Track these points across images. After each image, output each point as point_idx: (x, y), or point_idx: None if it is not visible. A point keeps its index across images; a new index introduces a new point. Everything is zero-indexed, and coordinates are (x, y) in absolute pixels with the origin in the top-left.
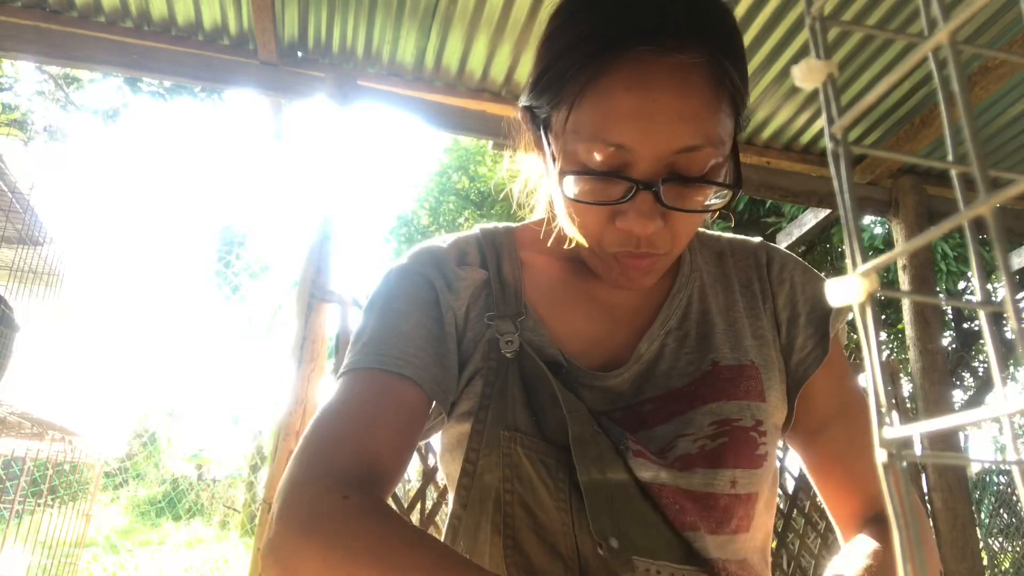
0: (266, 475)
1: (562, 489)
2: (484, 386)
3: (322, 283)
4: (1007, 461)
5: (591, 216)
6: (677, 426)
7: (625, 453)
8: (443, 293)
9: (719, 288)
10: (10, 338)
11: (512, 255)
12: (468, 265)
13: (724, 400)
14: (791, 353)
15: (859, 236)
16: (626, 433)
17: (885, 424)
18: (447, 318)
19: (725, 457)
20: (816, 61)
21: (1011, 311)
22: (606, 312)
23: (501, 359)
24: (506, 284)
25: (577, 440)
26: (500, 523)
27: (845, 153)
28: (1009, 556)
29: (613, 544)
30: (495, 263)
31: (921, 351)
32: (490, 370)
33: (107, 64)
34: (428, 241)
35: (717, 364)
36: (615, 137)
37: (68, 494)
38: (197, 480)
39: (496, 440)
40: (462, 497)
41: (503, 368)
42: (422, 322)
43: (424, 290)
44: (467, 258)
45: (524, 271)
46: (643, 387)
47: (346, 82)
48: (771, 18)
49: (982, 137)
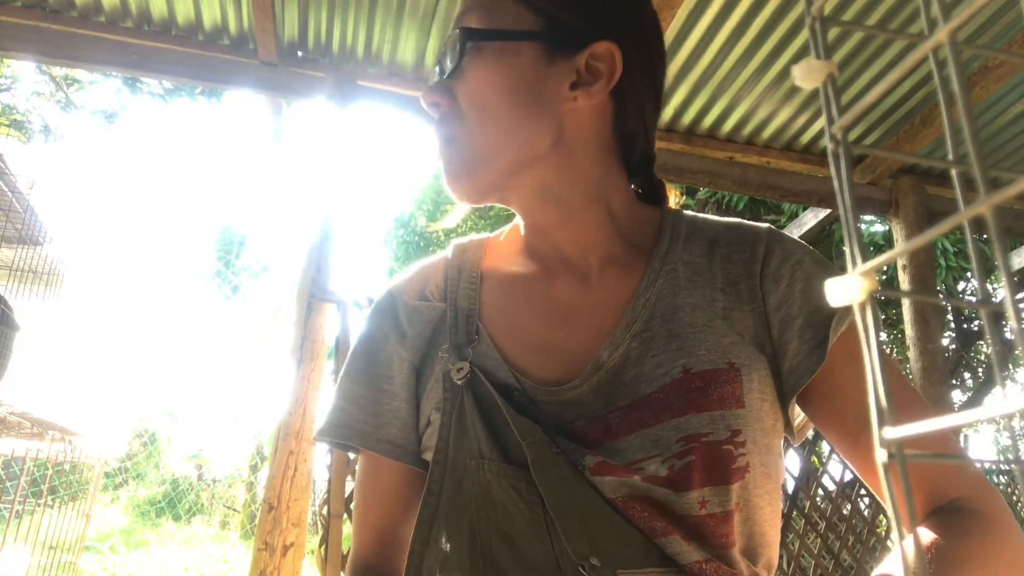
0: (266, 475)
1: (536, 512)
2: (442, 417)
3: (322, 283)
4: (1007, 461)
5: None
6: (644, 443)
7: (584, 471)
8: (397, 343)
9: (698, 282)
10: (10, 338)
11: (473, 274)
12: (427, 301)
13: (693, 412)
14: (783, 359)
15: (859, 236)
16: (583, 450)
17: (885, 424)
18: (404, 369)
19: (691, 478)
20: (816, 61)
21: (1011, 311)
22: (566, 315)
23: (454, 387)
24: (460, 310)
25: (536, 465)
26: (479, 554)
27: (845, 153)
28: None
29: (594, 563)
30: (455, 289)
31: (921, 351)
32: (446, 401)
33: (107, 64)
34: (398, 275)
35: (689, 371)
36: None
37: (68, 494)
38: (197, 480)
39: (463, 471)
40: (423, 534)
41: (459, 398)
42: (375, 384)
43: (381, 347)
44: (428, 289)
45: (483, 287)
46: (611, 396)
47: (346, 82)
48: (771, 18)
49: (982, 137)
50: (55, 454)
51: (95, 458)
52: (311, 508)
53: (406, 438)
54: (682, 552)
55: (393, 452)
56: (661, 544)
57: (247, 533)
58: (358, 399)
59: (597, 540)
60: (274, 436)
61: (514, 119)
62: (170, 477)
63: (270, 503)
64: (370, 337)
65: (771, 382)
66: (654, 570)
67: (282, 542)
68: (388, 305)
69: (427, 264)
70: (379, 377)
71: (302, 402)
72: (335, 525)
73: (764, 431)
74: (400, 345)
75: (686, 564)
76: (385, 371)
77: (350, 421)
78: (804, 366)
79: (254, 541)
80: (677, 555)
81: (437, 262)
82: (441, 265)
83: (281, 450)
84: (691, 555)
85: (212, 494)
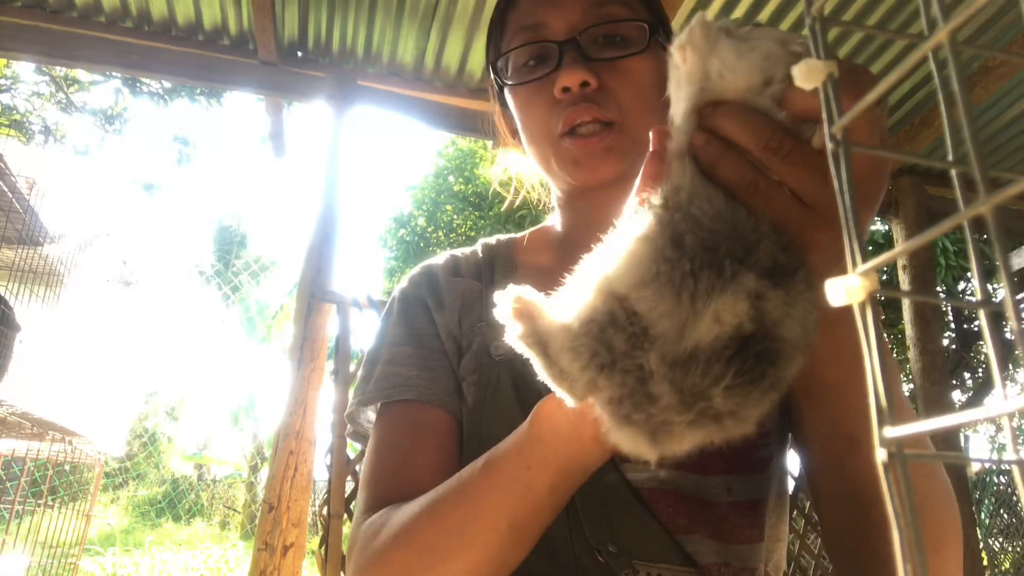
0: (266, 475)
1: None
2: (477, 391)
3: (322, 283)
4: (1007, 461)
5: (538, 112)
6: None
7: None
8: (435, 312)
9: None
10: (10, 338)
11: (508, 263)
12: (461, 277)
13: None
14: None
15: (860, 236)
16: None
17: (885, 424)
18: (443, 334)
19: (716, 463)
20: (816, 61)
21: (1011, 311)
22: None
23: (492, 363)
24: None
25: None
26: None
27: (845, 153)
28: (1009, 556)
29: (612, 550)
30: (490, 274)
31: (921, 351)
32: (481, 375)
33: (107, 64)
34: (428, 260)
35: None
36: (529, 20)
37: (68, 494)
38: (197, 480)
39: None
40: None
41: (494, 372)
42: (423, 343)
43: (420, 312)
44: (460, 270)
45: (519, 273)
46: None
47: (346, 82)
48: (771, 18)
49: (982, 137)
50: (55, 454)
51: (95, 458)
52: (311, 508)
53: (457, 393)
54: (701, 552)
55: (449, 405)
56: (682, 541)
57: (247, 533)
58: (408, 358)
59: (616, 528)
60: (274, 436)
61: (659, 113)
62: (170, 477)
63: (270, 503)
64: (409, 306)
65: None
66: (670, 566)
67: (282, 542)
68: (425, 278)
69: (456, 253)
70: (425, 336)
71: (302, 402)
72: (335, 525)
73: (782, 423)
74: (439, 313)
75: (703, 565)
76: (430, 330)
77: (404, 380)
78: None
79: (254, 541)
80: (696, 554)
81: (466, 251)
82: (471, 255)
83: (281, 450)
84: (710, 556)
85: (212, 494)
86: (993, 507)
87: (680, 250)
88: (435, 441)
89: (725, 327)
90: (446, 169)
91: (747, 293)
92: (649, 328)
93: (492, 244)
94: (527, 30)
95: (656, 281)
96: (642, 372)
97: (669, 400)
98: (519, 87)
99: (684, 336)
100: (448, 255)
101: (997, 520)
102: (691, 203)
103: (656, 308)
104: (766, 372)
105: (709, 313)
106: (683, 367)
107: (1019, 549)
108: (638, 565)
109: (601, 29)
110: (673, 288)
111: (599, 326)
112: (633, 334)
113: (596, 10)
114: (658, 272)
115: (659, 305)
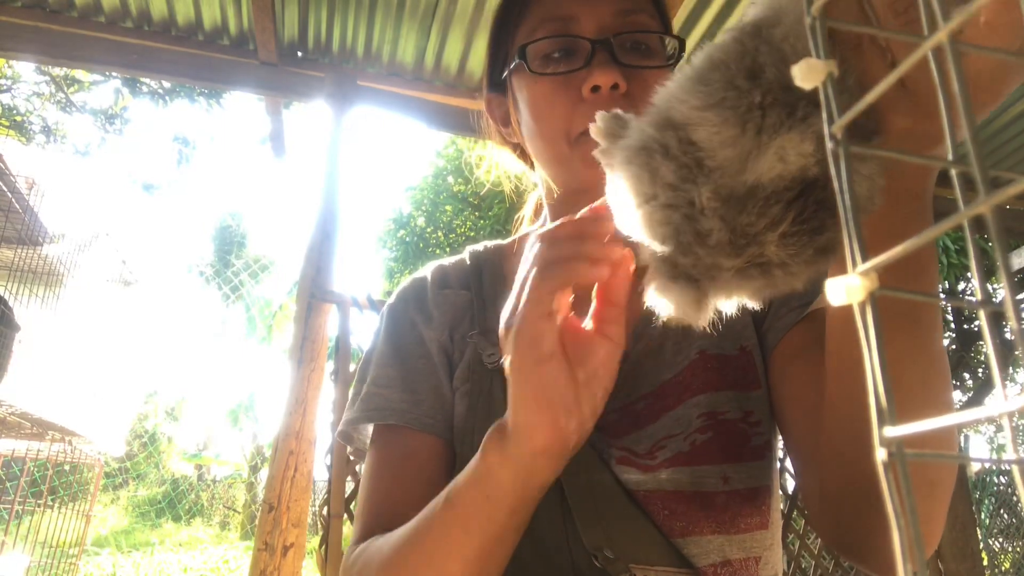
0: (266, 475)
1: (553, 499)
2: (469, 400)
3: (322, 283)
4: (1007, 461)
5: (560, 107)
6: (668, 424)
7: (609, 460)
8: (424, 327)
9: None
10: (10, 338)
11: (496, 271)
12: (449, 288)
13: (711, 391)
14: (764, 321)
15: (859, 236)
16: (608, 441)
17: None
18: (434, 349)
19: (711, 452)
20: (816, 61)
21: (1011, 311)
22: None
23: (484, 372)
24: (487, 300)
25: None
26: None
27: (845, 153)
28: (1009, 556)
29: (608, 555)
30: (478, 283)
31: None
32: (474, 384)
33: (107, 64)
34: (416, 273)
35: (704, 352)
36: (559, 11)
37: (68, 495)
38: (197, 480)
39: None
40: None
41: (486, 381)
42: (407, 363)
43: (407, 330)
44: (449, 281)
45: (507, 282)
46: (636, 386)
47: (346, 82)
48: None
49: (982, 137)
50: (55, 454)
51: (95, 458)
52: (311, 508)
53: (444, 412)
54: (700, 554)
55: (434, 428)
56: (679, 544)
57: (247, 533)
58: (392, 380)
59: (612, 533)
60: (275, 437)
61: None
62: (170, 477)
63: (270, 503)
64: (395, 324)
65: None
66: (667, 569)
67: (282, 542)
68: (413, 292)
69: (444, 263)
70: (411, 356)
71: (302, 402)
72: (335, 525)
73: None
74: (427, 327)
75: (701, 567)
76: (417, 351)
77: (386, 404)
78: (782, 324)
79: (254, 541)
80: (694, 557)
81: (454, 261)
82: (459, 263)
83: (281, 450)
84: (709, 556)
85: (212, 494)
86: (993, 507)
87: (754, 81)
88: (418, 469)
89: (789, 166)
90: (445, 170)
91: (816, 134)
92: (706, 158)
93: (480, 251)
94: (556, 21)
95: (721, 105)
96: (691, 209)
97: (719, 237)
98: (543, 77)
99: (745, 169)
100: (436, 266)
101: (997, 520)
102: (784, 39)
103: (718, 134)
104: (825, 223)
105: (773, 148)
106: (739, 203)
107: (1019, 549)
108: (635, 569)
109: (631, 36)
110: (738, 115)
111: (647, 153)
112: (685, 164)
113: (628, 16)
114: (724, 97)
115: (722, 131)
